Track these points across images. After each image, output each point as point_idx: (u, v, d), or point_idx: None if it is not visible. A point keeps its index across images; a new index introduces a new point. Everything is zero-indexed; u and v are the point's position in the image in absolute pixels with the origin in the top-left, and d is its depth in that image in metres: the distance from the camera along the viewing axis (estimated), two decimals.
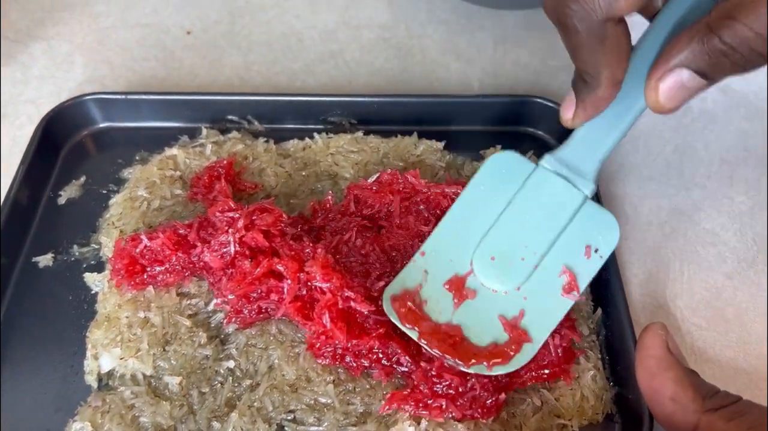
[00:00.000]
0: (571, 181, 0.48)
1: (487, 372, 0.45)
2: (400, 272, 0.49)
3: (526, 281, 0.47)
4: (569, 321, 0.48)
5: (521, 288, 0.47)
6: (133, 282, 0.50)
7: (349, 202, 0.55)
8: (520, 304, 0.47)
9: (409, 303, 0.47)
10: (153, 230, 0.52)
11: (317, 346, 0.47)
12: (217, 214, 0.51)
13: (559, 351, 0.47)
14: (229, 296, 0.48)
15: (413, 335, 0.46)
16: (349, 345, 0.46)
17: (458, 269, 0.48)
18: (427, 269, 0.49)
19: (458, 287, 0.48)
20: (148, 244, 0.50)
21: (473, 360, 0.45)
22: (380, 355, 0.47)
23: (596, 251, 0.48)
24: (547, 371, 0.47)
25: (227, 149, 0.61)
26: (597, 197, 0.55)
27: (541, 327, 0.47)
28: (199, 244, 0.50)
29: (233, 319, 0.49)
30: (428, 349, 0.46)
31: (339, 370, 0.47)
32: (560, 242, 0.48)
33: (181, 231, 0.51)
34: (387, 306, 0.47)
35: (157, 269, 0.50)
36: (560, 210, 0.48)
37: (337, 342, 0.46)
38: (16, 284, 0.54)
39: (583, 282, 0.48)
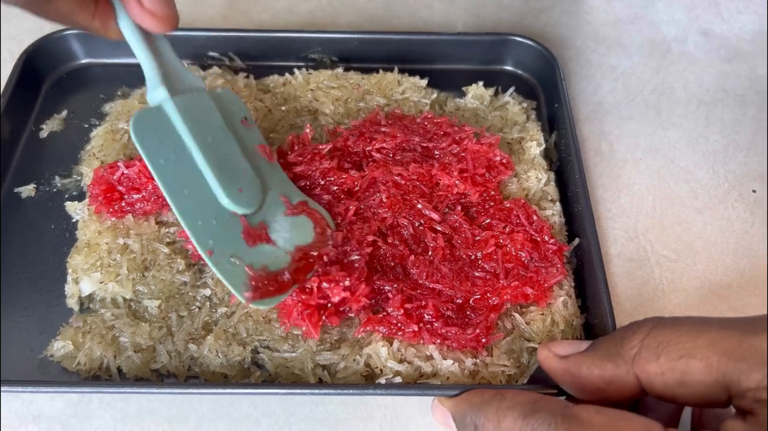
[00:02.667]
0: (185, 92, 0.48)
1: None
2: (226, 282, 0.44)
3: (264, 177, 0.50)
4: (558, 248, 0.50)
5: (270, 186, 0.51)
6: (111, 209, 0.51)
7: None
8: (282, 192, 0.51)
9: (269, 279, 0.45)
10: (131, 160, 0.53)
11: None
12: None
13: (544, 271, 0.49)
14: None
15: (292, 291, 0.46)
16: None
17: (237, 227, 0.47)
18: (234, 255, 0.45)
19: (253, 235, 0.47)
20: (126, 171, 0.51)
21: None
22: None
23: (246, 118, 0.53)
24: (529, 289, 0.48)
25: (207, 84, 0.61)
26: (573, 136, 0.56)
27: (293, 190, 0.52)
28: None
29: None
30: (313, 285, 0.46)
31: None
32: (237, 135, 0.51)
33: None
34: (267, 303, 0.45)
35: (135, 196, 0.51)
36: (210, 114, 0.49)
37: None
38: None
39: (263, 140, 0.53)
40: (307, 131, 0.56)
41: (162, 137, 0.46)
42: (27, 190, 0.56)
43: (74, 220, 0.54)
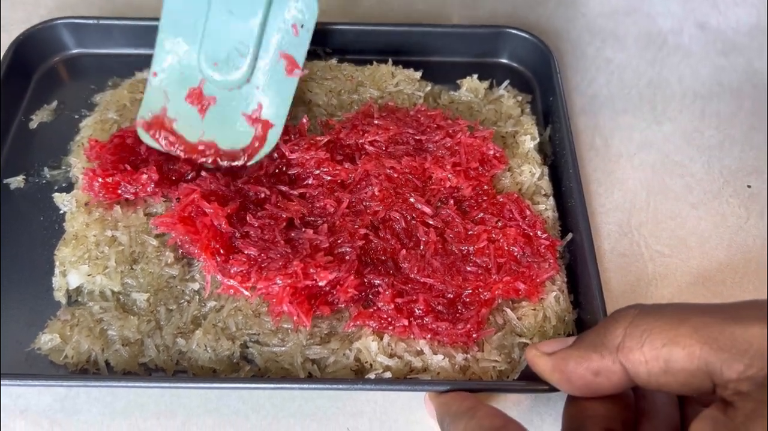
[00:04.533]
0: None
1: (244, 162, 0.52)
2: (143, 98, 0.54)
3: (253, 73, 0.53)
4: (551, 243, 0.50)
5: (251, 80, 0.53)
6: (109, 179, 0.51)
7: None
8: (255, 97, 0.53)
9: (163, 127, 0.53)
10: None
11: None
12: None
13: (536, 266, 0.48)
14: None
15: (180, 154, 0.53)
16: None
17: (191, 81, 0.53)
18: (166, 90, 0.53)
19: (198, 97, 0.53)
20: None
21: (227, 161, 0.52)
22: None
23: (302, 26, 0.51)
24: (521, 284, 0.47)
25: None
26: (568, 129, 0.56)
27: (278, 111, 0.53)
28: None
29: None
30: (204, 159, 0.53)
31: None
32: (269, 28, 0.52)
33: None
34: (145, 137, 0.53)
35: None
36: None
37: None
38: None
39: (300, 58, 0.53)
40: (304, 121, 0.55)
41: None
42: (16, 181, 0.55)
43: (62, 211, 0.53)
